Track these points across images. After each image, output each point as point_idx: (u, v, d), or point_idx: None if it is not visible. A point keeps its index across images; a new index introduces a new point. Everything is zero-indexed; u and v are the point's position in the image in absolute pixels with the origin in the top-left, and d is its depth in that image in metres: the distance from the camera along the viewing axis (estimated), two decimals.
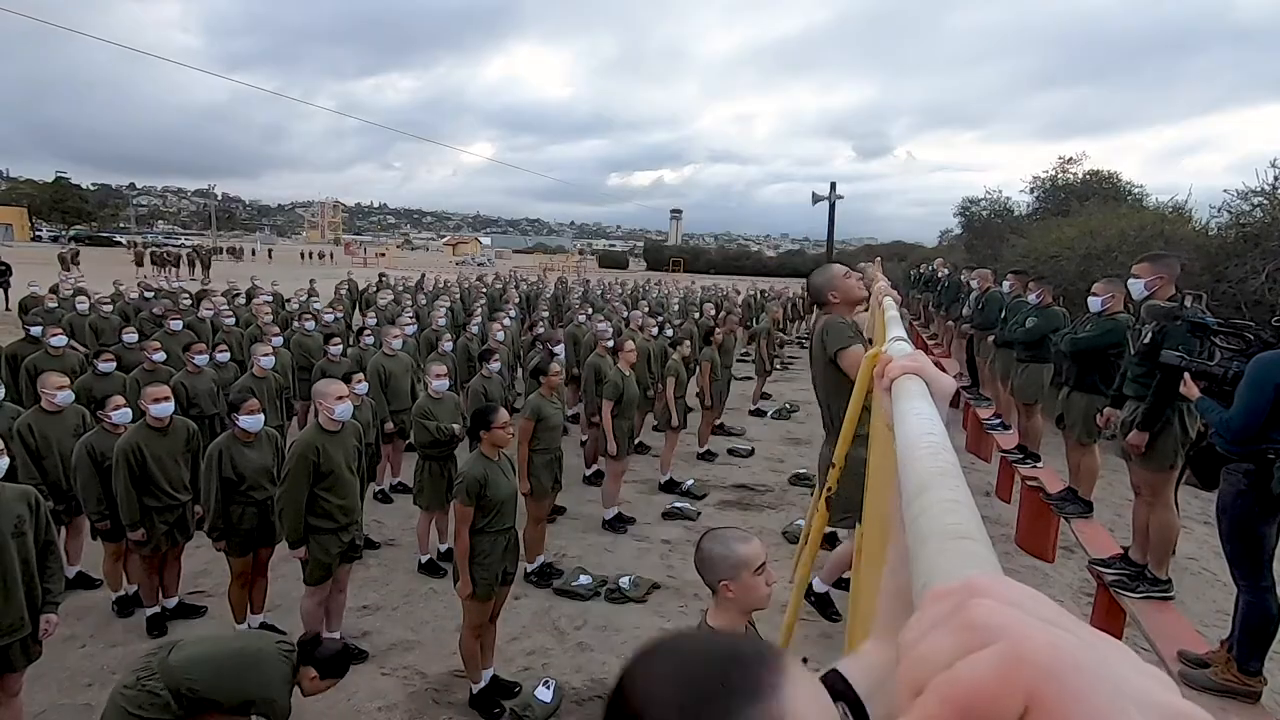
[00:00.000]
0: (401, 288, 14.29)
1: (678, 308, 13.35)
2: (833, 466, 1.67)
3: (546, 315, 11.13)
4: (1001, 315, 6.39)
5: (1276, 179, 7.67)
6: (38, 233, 63.43)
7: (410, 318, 8.68)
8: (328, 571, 3.69)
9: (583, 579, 4.76)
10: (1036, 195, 15.23)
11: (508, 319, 8.93)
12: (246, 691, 2.43)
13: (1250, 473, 2.71)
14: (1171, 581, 3.53)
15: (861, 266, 6.21)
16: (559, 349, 6.87)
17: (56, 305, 9.12)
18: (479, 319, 8.96)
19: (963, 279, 8.64)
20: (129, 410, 4.05)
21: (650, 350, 7.53)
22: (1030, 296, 5.74)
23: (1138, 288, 3.72)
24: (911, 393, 0.70)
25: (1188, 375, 3.08)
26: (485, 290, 14.49)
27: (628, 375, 5.79)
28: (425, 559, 4.93)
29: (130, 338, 6.91)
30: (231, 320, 8.19)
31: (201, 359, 5.52)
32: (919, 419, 0.61)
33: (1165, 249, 6.06)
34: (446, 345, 6.85)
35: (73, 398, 4.31)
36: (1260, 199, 7.85)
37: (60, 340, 5.93)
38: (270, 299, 10.60)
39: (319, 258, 48.79)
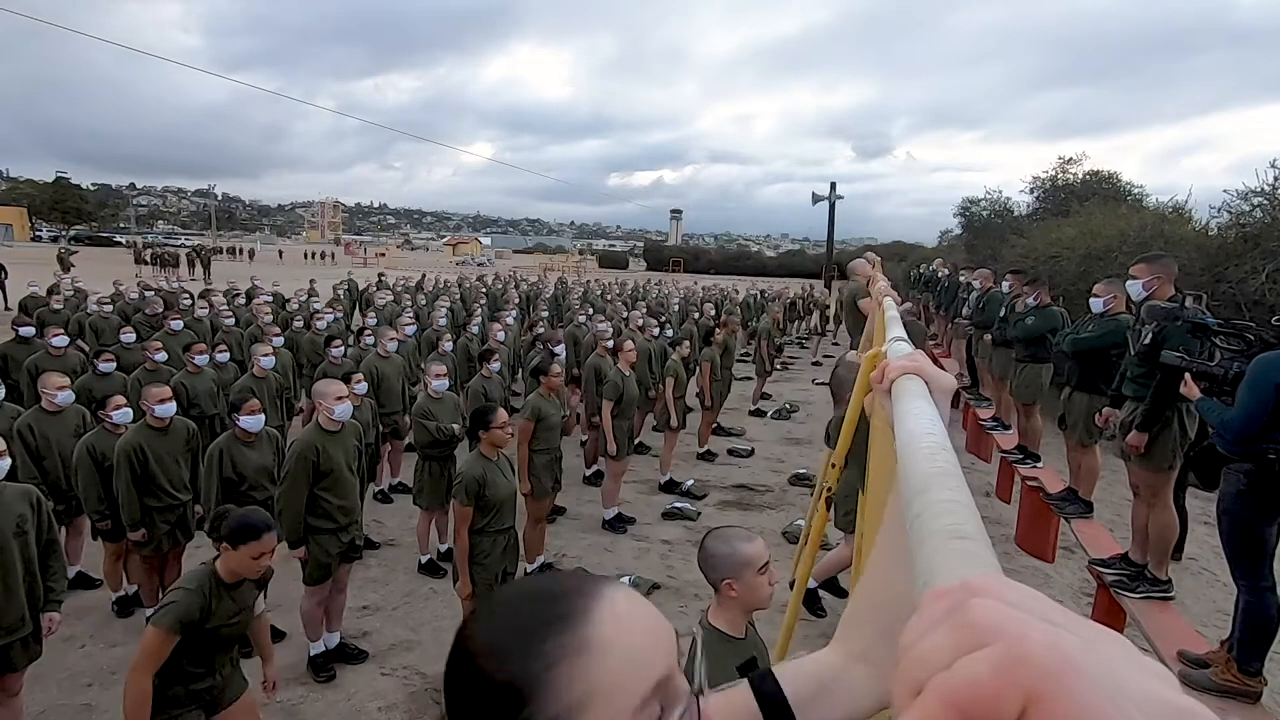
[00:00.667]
0: (401, 288, 14.30)
1: (678, 308, 13.35)
2: (832, 466, 1.67)
3: (547, 315, 11.14)
4: (1001, 315, 6.39)
5: (1276, 179, 7.67)
6: (38, 233, 63.44)
7: (410, 318, 8.68)
8: (327, 571, 3.69)
9: None
10: (1036, 195, 15.23)
11: (508, 319, 8.94)
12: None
13: (1250, 473, 2.71)
14: (1171, 581, 3.53)
15: (868, 256, 6.26)
16: (559, 349, 6.87)
17: (62, 306, 9.13)
18: (479, 319, 8.97)
19: (961, 279, 8.64)
20: (130, 410, 4.05)
21: (650, 350, 7.53)
22: (1028, 299, 5.74)
23: (1136, 288, 3.72)
24: (911, 392, 0.70)
25: (1188, 376, 3.08)
26: (485, 290, 14.49)
27: (628, 375, 5.79)
28: (425, 559, 4.93)
29: (128, 338, 6.92)
30: (231, 320, 8.19)
31: (202, 359, 5.53)
32: (919, 419, 0.61)
33: (1165, 249, 6.06)
34: (447, 345, 6.86)
35: (73, 398, 4.31)
36: (1260, 199, 7.84)
37: (61, 340, 5.94)
38: (270, 299, 10.60)
39: (320, 258, 48.81)
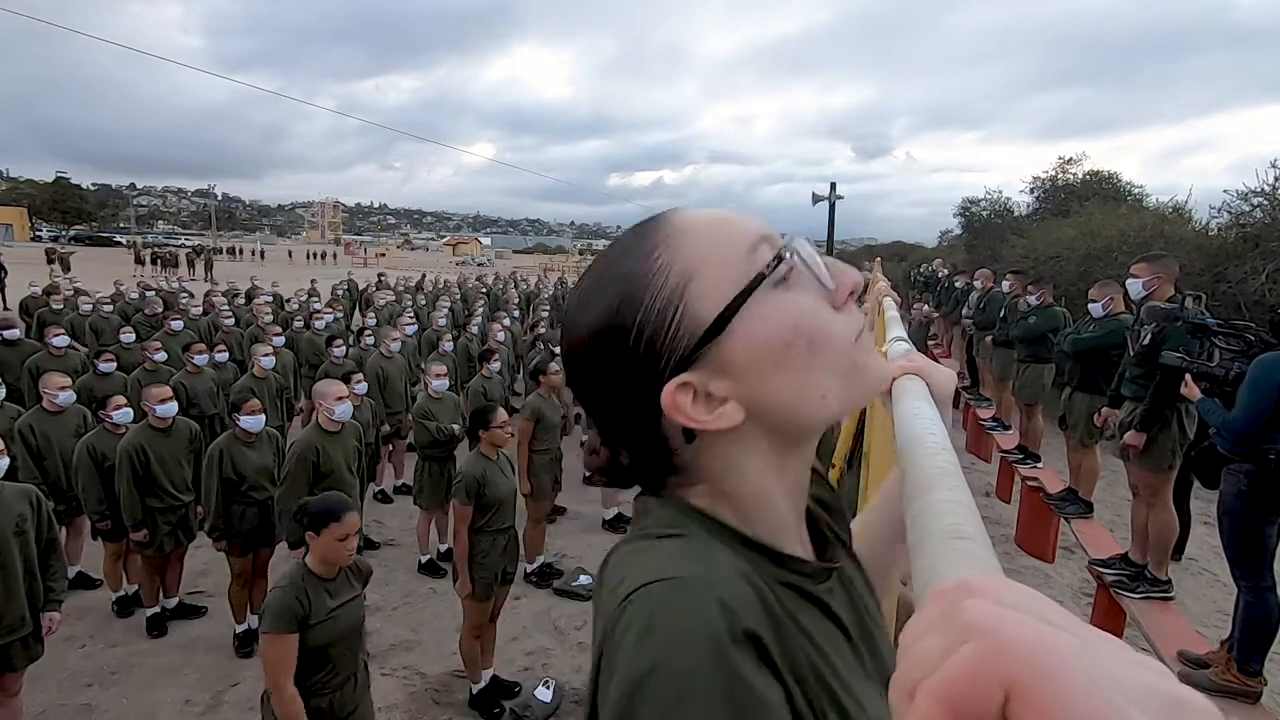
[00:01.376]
0: (402, 288, 14.30)
1: None
2: (832, 467, 1.67)
3: (547, 315, 11.13)
4: (1001, 315, 6.39)
5: (1276, 179, 7.67)
6: (38, 233, 63.46)
7: (410, 318, 8.69)
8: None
9: (583, 579, 4.76)
10: (1036, 195, 15.22)
11: (509, 319, 8.94)
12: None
13: (1251, 473, 2.71)
14: (1171, 582, 3.53)
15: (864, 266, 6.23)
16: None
17: (62, 306, 9.13)
18: (479, 319, 8.97)
19: (958, 284, 8.70)
20: (130, 410, 4.05)
21: None
22: (1030, 298, 5.74)
23: (1135, 288, 3.72)
24: (911, 392, 0.70)
25: (1189, 376, 3.08)
26: (486, 290, 14.49)
27: None
28: (425, 559, 4.93)
29: (128, 338, 6.92)
30: (231, 320, 8.19)
31: (201, 359, 5.53)
32: (919, 419, 0.61)
33: (1165, 249, 6.05)
34: (447, 345, 6.86)
35: (74, 398, 4.31)
36: (1260, 199, 7.85)
37: (62, 340, 5.95)
38: (270, 299, 10.60)
39: (320, 258, 48.82)
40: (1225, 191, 8.31)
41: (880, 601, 0.66)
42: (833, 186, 26.29)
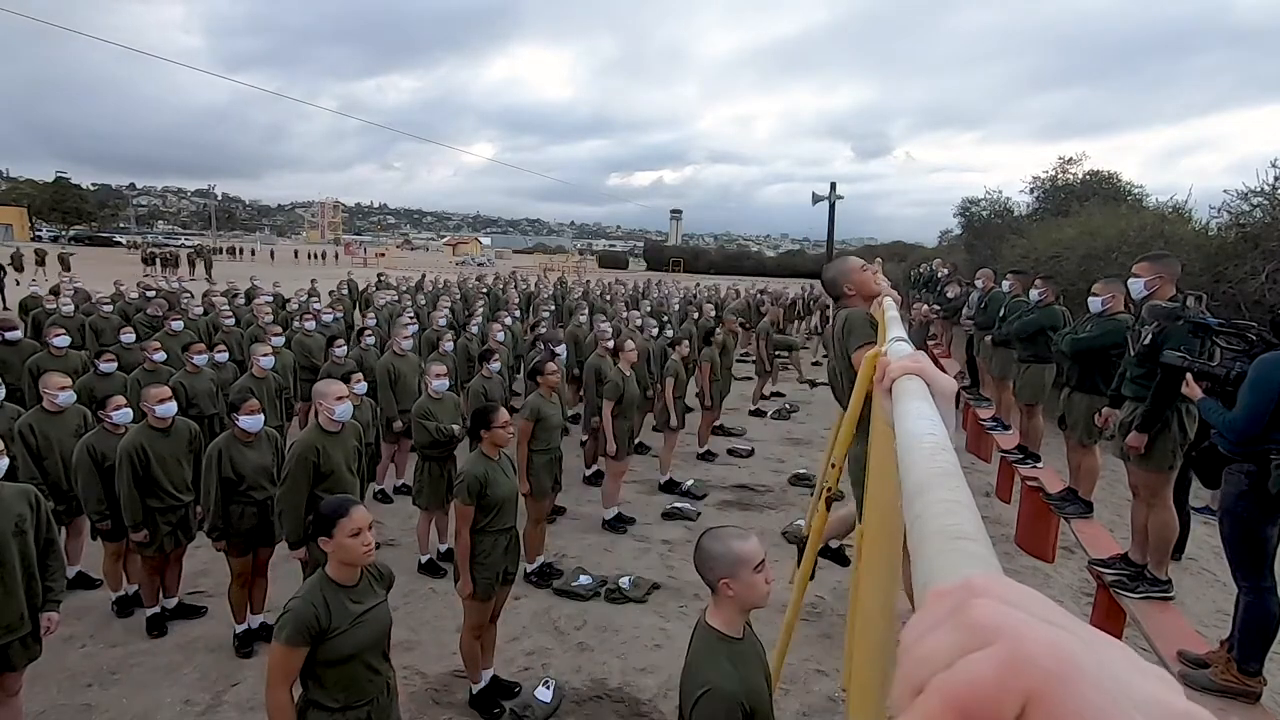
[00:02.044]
0: (404, 289, 14.30)
1: (678, 308, 13.35)
2: (832, 466, 1.67)
3: (548, 315, 11.14)
4: (1001, 315, 6.39)
5: (1276, 179, 7.66)
6: (38, 233, 63.38)
7: (410, 318, 8.68)
8: None
9: (583, 579, 4.76)
10: (1036, 195, 15.21)
11: (509, 319, 8.94)
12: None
13: (1252, 473, 2.71)
14: (1171, 582, 3.53)
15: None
16: (561, 349, 6.87)
17: (55, 307, 9.11)
18: (479, 319, 8.97)
19: (950, 294, 8.75)
20: (129, 410, 4.05)
21: (650, 350, 7.51)
22: (1033, 293, 5.74)
23: (1137, 287, 3.71)
24: (911, 393, 0.70)
25: (1190, 376, 3.08)
26: (486, 290, 14.49)
27: (628, 375, 5.79)
28: (425, 559, 4.93)
29: (128, 338, 6.92)
30: (231, 320, 8.19)
31: (201, 359, 5.53)
32: (919, 419, 0.61)
33: (1165, 249, 6.05)
34: (448, 345, 6.87)
35: (74, 398, 4.31)
36: (1260, 199, 7.83)
37: (63, 340, 5.95)
38: (270, 299, 10.60)
39: (320, 258, 48.79)
40: (1225, 191, 8.30)
41: None
42: (833, 186, 26.27)
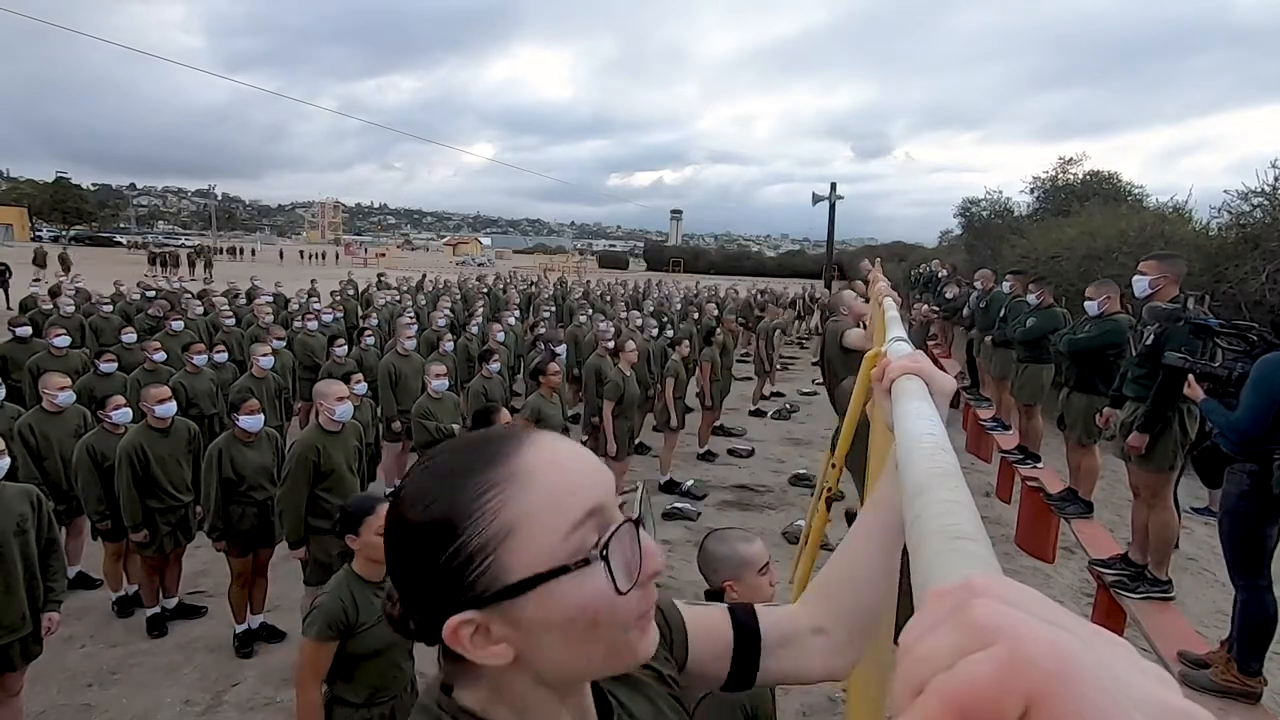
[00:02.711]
0: (404, 289, 14.30)
1: (679, 308, 13.35)
2: (832, 466, 1.67)
3: (548, 316, 11.14)
4: (1001, 315, 6.39)
5: (1276, 179, 7.66)
6: (38, 233, 63.40)
7: (411, 318, 8.68)
8: (328, 572, 3.67)
9: None
10: (1036, 196, 15.20)
11: (509, 319, 8.94)
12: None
13: (1254, 473, 2.70)
14: (1171, 582, 3.53)
15: (862, 265, 6.25)
16: (561, 349, 6.86)
17: (51, 306, 9.11)
18: (479, 319, 8.97)
19: (949, 294, 8.78)
20: (129, 410, 4.05)
21: (650, 350, 7.51)
22: (1030, 297, 5.74)
23: (1141, 285, 3.69)
24: (911, 393, 0.70)
25: (1192, 377, 3.07)
26: (486, 290, 14.49)
27: (628, 375, 5.79)
28: None
29: (129, 338, 6.92)
30: (231, 320, 8.20)
31: (200, 359, 5.53)
32: (919, 419, 0.61)
33: (1165, 249, 6.06)
34: (448, 346, 6.87)
35: (74, 398, 4.31)
36: (1260, 199, 7.82)
37: (63, 341, 5.95)
38: (271, 299, 10.60)
39: (320, 258, 48.80)
40: (1225, 191, 8.28)
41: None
42: (833, 186, 26.25)
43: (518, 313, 10.53)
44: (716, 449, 7.92)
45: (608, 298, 14.88)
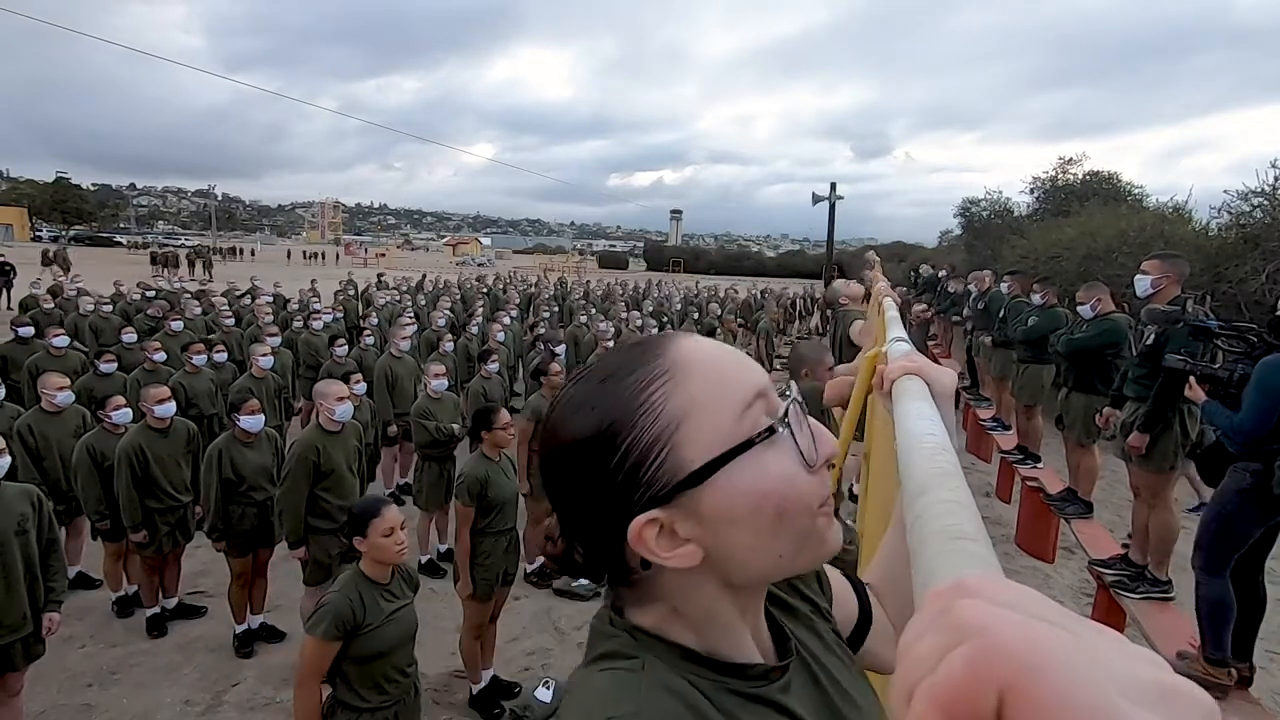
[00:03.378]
0: (405, 289, 14.30)
1: (679, 308, 13.35)
2: (831, 467, 1.66)
3: (548, 316, 11.14)
4: (1001, 316, 6.39)
5: (1276, 179, 7.66)
6: (38, 233, 63.41)
7: (410, 318, 8.68)
8: (328, 572, 3.68)
9: (583, 579, 4.75)
10: (1036, 196, 15.20)
11: (509, 319, 8.94)
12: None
13: (1257, 472, 2.71)
14: (1172, 582, 3.53)
15: (867, 257, 6.27)
16: (561, 349, 6.86)
17: (53, 306, 9.12)
18: (479, 319, 8.97)
19: (952, 289, 8.80)
20: (129, 410, 4.05)
21: None
22: (1034, 298, 5.74)
23: (1144, 284, 3.69)
24: (911, 393, 0.70)
25: (1193, 380, 3.08)
26: (486, 290, 14.49)
27: None
28: (425, 559, 4.93)
29: (129, 338, 6.92)
30: (231, 320, 8.20)
31: (200, 359, 5.53)
32: (919, 419, 0.61)
33: (1165, 249, 6.06)
34: (448, 346, 6.86)
35: (73, 398, 4.31)
36: (1260, 200, 7.83)
37: (62, 341, 5.95)
38: (271, 299, 10.60)
39: (320, 258, 48.78)
40: (1225, 191, 8.29)
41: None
42: (833, 186, 26.23)
43: (514, 311, 10.52)
44: None
45: (609, 302, 14.89)
